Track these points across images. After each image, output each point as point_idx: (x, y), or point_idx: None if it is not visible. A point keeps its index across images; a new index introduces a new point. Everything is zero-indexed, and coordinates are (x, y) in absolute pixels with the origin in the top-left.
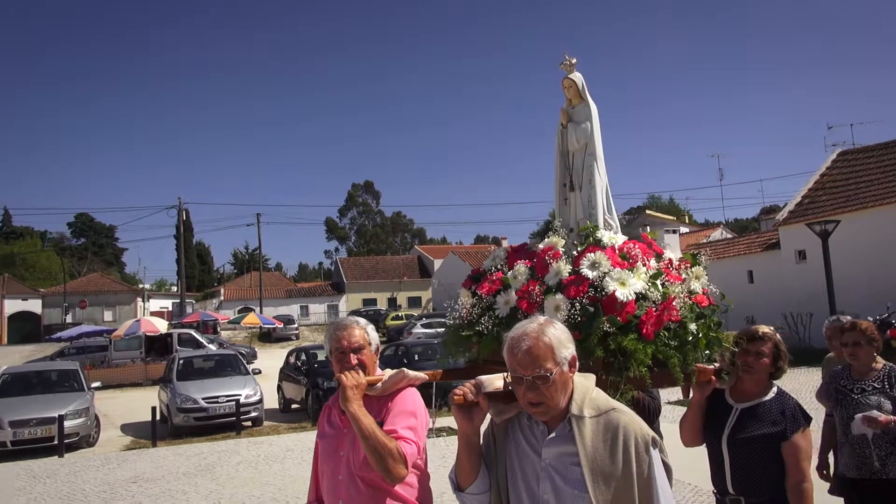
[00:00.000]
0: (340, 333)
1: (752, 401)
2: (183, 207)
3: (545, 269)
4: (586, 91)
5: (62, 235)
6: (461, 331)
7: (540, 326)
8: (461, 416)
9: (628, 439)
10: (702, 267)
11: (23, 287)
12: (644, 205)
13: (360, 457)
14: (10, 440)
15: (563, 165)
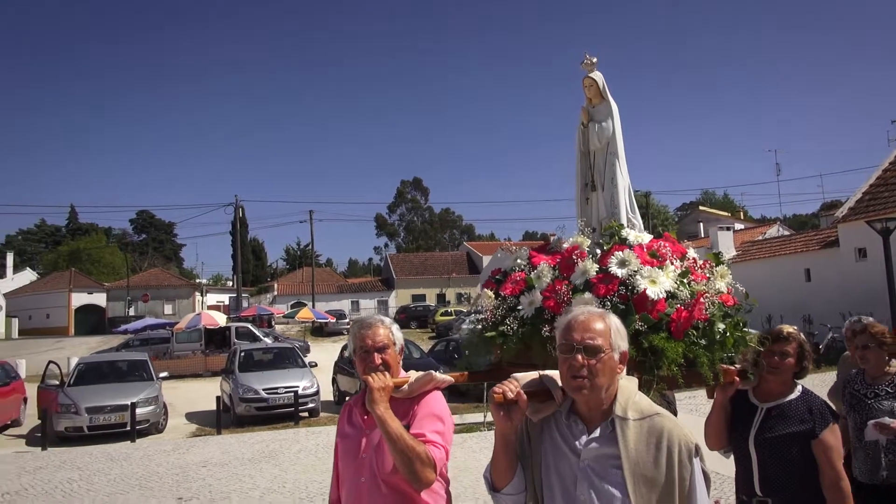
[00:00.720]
0: (365, 332)
1: (778, 400)
2: (239, 205)
3: (570, 269)
4: (607, 90)
5: (125, 232)
6: (485, 332)
7: (604, 311)
8: (500, 415)
9: (672, 445)
10: (725, 266)
11: (88, 281)
12: (697, 201)
13: (385, 460)
14: (87, 425)
15: (585, 165)
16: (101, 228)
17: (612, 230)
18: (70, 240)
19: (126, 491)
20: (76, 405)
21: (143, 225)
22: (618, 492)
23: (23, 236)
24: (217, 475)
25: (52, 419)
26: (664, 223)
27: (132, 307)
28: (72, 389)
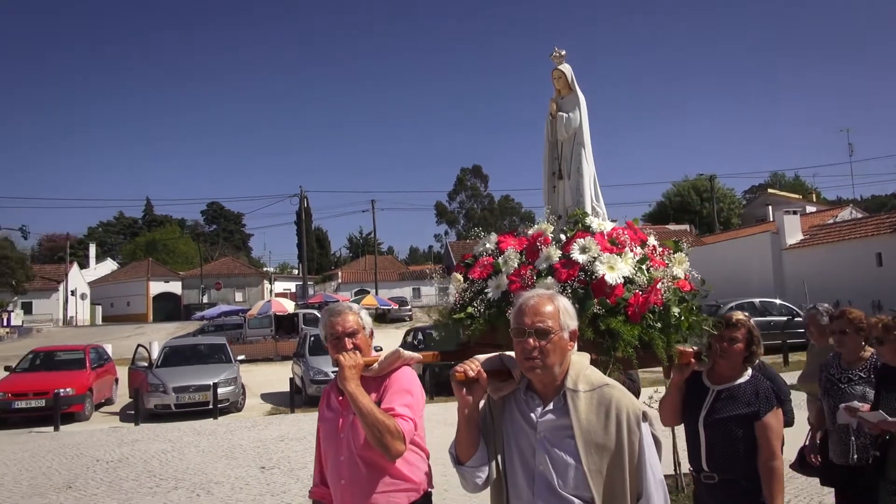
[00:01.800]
0: (335, 319)
1: (728, 383)
2: (304, 195)
3: (535, 254)
4: (575, 83)
5: (196, 222)
6: (454, 313)
7: (552, 293)
8: (462, 392)
9: (620, 413)
10: (683, 253)
11: (164, 270)
12: (766, 183)
13: (359, 437)
14: (174, 403)
15: (553, 154)
16: (175, 220)
17: (577, 218)
18: (146, 231)
19: (214, 461)
20: (164, 385)
21: (214, 216)
22: (571, 459)
23: (103, 228)
24: (294, 448)
25: (142, 397)
26: (730, 207)
27: (206, 295)
28: (159, 370)
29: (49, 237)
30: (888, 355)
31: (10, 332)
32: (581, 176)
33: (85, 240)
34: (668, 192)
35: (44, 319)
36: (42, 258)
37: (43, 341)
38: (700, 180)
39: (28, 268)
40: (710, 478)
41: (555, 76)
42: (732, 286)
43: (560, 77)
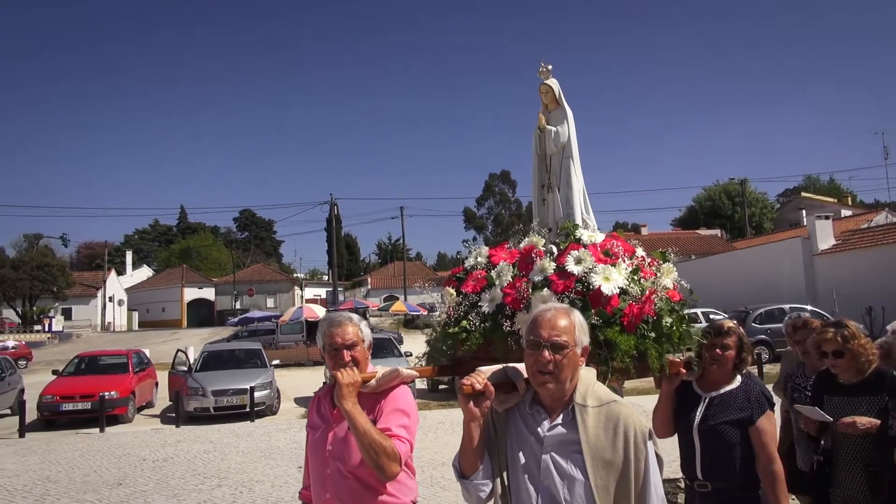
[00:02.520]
0: (334, 330)
1: (720, 390)
2: (334, 203)
3: (528, 267)
4: (562, 97)
5: (229, 230)
6: (448, 328)
7: (568, 308)
8: (468, 406)
9: (628, 430)
10: (671, 263)
11: (198, 277)
12: (799, 186)
13: (350, 453)
14: (213, 406)
15: (542, 168)
16: (208, 227)
17: (568, 230)
18: (181, 238)
19: (254, 461)
20: (203, 389)
21: (245, 223)
22: (578, 474)
23: (139, 235)
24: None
25: (183, 401)
26: (763, 211)
27: (238, 301)
28: (199, 375)
29: (87, 245)
30: (845, 367)
31: (51, 338)
32: (570, 189)
33: (122, 247)
34: (699, 196)
35: (83, 325)
36: (80, 265)
37: (83, 346)
38: (731, 184)
39: (68, 275)
40: (704, 486)
41: (542, 91)
42: (763, 292)
43: (548, 91)
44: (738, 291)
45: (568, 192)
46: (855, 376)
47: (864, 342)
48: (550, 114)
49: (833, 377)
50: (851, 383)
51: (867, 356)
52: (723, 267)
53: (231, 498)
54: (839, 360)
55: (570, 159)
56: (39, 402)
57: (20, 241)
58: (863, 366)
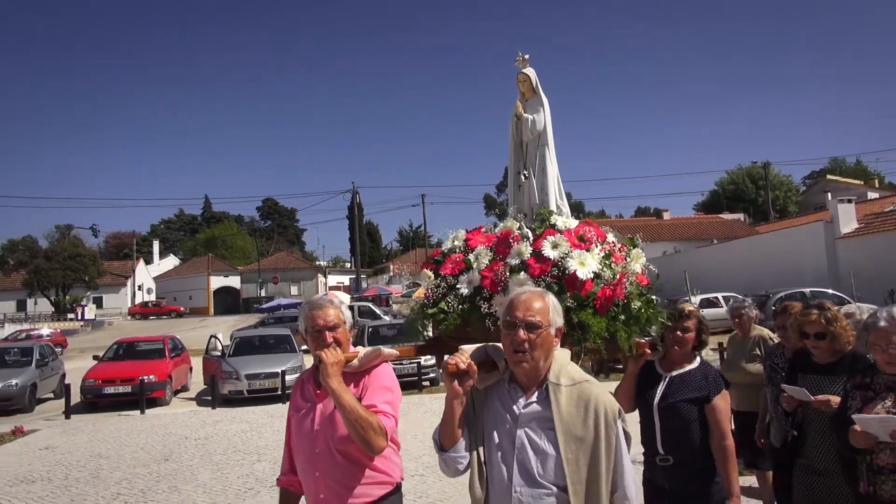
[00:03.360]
0: (315, 313)
1: (680, 370)
2: (356, 191)
3: (505, 251)
4: (539, 86)
5: (252, 218)
6: (426, 309)
7: (543, 291)
8: (452, 383)
9: (599, 408)
10: (640, 249)
11: (224, 265)
12: (825, 168)
13: (336, 430)
14: (247, 389)
15: (518, 155)
16: (232, 216)
17: (543, 216)
18: (206, 227)
19: None
20: (237, 372)
21: (269, 212)
22: (551, 449)
23: (164, 225)
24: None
25: (218, 384)
26: (787, 194)
27: (263, 289)
28: (232, 359)
29: (114, 235)
30: (825, 348)
31: (84, 326)
32: (545, 175)
33: (148, 237)
34: (722, 180)
35: (114, 313)
36: (108, 255)
37: (114, 333)
38: (755, 168)
39: (99, 264)
40: (666, 460)
41: (520, 79)
42: (785, 276)
43: (525, 80)
44: (760, 275)
45: (543, 179)
46: (830, 356)
47: (845, 324)
48: (527, 102)
49: (808, 356)
50: (826, 363)
51: (847, 338)
52: (745, 251)
53: (272, 471)
54: (821, 341)
55: (546, 147)
56: (83, 386)
57: (52, 232)
58: (843, 347)
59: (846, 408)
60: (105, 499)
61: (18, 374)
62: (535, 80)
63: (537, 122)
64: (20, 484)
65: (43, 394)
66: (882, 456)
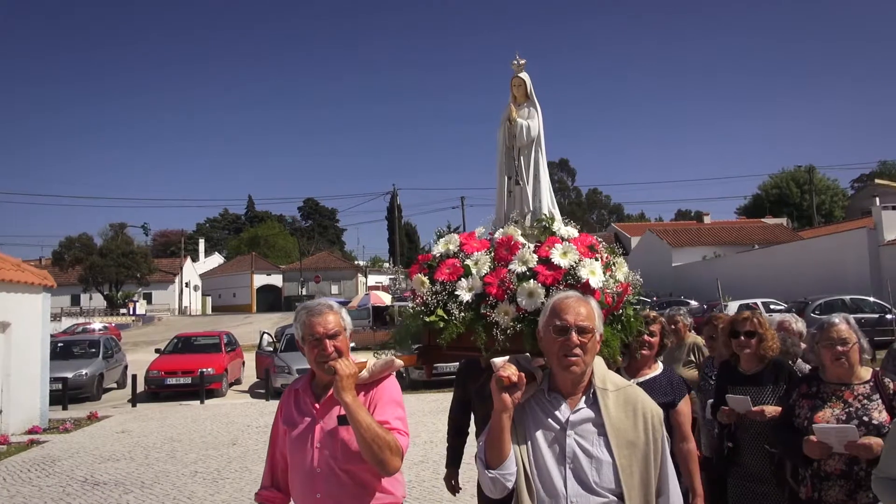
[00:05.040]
0: (314, 319)
1: (647, 376)
2: (396, 193)
3: (507, 257)
4: (533, 92)
5: (294, 218)
6: (423, 316)
7: (584, 296)
8: (504, 397)
9: (646, 412)
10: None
11: (266, 264)
12: (874, 172)
13: (341, 449)
14: None
15: (509, 160)
16: (275, 216)
17: (545, 223)
18: (249, 227)
19: None
20: (288, 366)
21: (309, 212)
22: (606, 455)
23: (210, 224)
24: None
25: (271, 377)
26: (833, 199)
27: (305, 287)
28: (284, 354)
29: (161, 233)
30: (753, 350)
31: (135, 321)
32: (539, 182)
33: (194, 235)
34: (765, 184)
35: (162, 309)
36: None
37: (163, 329)
38: (799, 172)
39: (150, 262)
40: None
41: (515, 83)
42: (826, 283)
43: (520, 85)
44: (801, 282)
45: (537, 186)
46: (756, 365)
47: (772, 332)
48: (520, 107)
49: (734, 368)
50: (752, 373)
51: (771, 345)
52: (787, 257)
53: None
54: (751, 339)
55: (540, 153)
56: (147, 377)
57: (107, 230)
58: (766, 353)
59: (793, 417)
60: (185, 476)
61: (87, 365)
62: (530, 85)
63: (532, 128)
64: (106, 462)
65: (107, 384)
66: (830, 462)
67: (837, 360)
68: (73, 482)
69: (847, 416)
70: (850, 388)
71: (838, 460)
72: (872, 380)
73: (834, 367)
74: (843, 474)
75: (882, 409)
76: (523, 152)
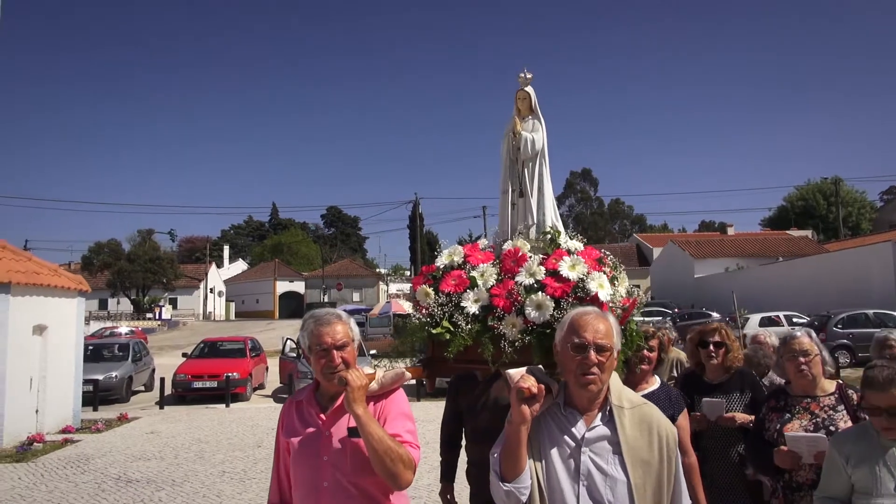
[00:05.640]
0: (323, 329)
1: (645, 391)
2: (418, 201)
3: (511, 270)
4: (537, 106)
5: (317, 226)
6: (429, 327)
7: (602, 312)
8: (523, 409)
9: (661, 431)
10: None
11: (289, 271)
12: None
13: (350, 462)
14: None
15: (513, 172)
16: (298, 223)
17: (552, 235)
18: (272, 234)
19: None
20: (311, 372)
21: (332, 220)
22: (620, 474)
23: (234, 231)
24: (426, 428)
25: (294, 382)
26: (860, 211)
27: (327, 294)
28: (306, 360)
29: (187, 239)
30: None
31: (161, 325)
32: (544, 196)
33: (218, 241)
34: (791, 195)
35: (187, 314)
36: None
37: (188, 334)
38: (825, 183)
39: (176, 267)
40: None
41: (520, 97)
42: (850, 296)
43: (525, 98)
44: (825, 295)
45: (541, 198)
46: (722, 374)
47: (737, 345)
48: (525, 120)
49: (699, 377)
50: (717, 382)
51: (737, 355)
52: (810, 269)
53: None
54: (720, 349)
55: (544, 166)
56: (174, 380)
57: (135, 235)
58: (732, 363)
59: (763, 430)
60: (213, 475)
61: (117, 368)
62: (535, 99)
63: (536, 141)
64: (138, 461)
65: (135, 386)
66: (802, 472)
67: (800, 372)
68: (107, 479)
69: (815, 427)
70: (815, 400)
71: (809, 470)
72: (837, 391)
73: (797, 378)
74: (813, 484)
75: (847, 420)
76: (527, 165)
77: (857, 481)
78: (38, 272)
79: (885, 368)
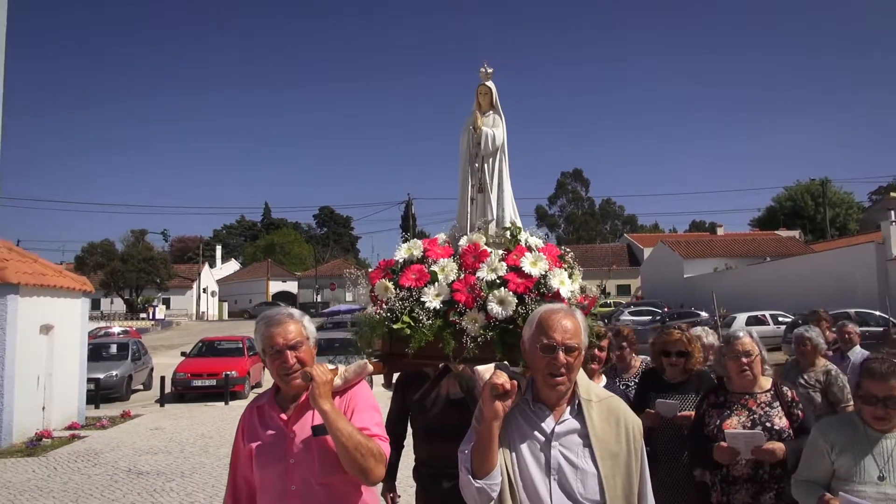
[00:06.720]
0: (274, 330)
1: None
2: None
3: (472, 265)
4: (498, 102)
5: (309, 226)
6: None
7: (570, 308)
8: (496, 405)
9: (628, 423)
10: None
11: (282, 271)
12: (890, 185)
13: (318, 462)
14: None
15: (472, 168)
16: (290, 223)
17: (513, 231)
18: (265, 234)
19: None
20: None
21: (325, 220)
22: (591, 467)
23: (226, 230)
24: None
25: None
26: (848, 212)
27: (320, 294)
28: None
29: (179, 239)
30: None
31: (154, 325)
32: (503, 192)
33: (211, 241)
34: (780, 196)
35: (180, 314)
36: (172, 258)
37: (182, 333)
38: (814, 184)
39: (170, 267)
40: None
41: (481, 91)
42: (835, 296)
43: (486, 93)
44: (811, 294)
45: (500, 194)
46: (681, 376)
47: (698, 347)
48: (486, 115)
49: (658, 376)
50: (676, 381)
51: (697, 358)
52: (796, 269)
53: None
54: (681, 359)
55: (504, 162)
56: (174, 378)
57: (128, 236)
58: (693, 366)
59: (703, 425)
60: (219, 468)
61: (118, 367)
62: (496, 94)
63: (497, 136)
64: (146, 454)
65: (134, 385)
66: (738, 467)
67: (742, 372)
68: (118, 472)
69: (752, 423)
70: (753, 397)
71: (745, 465)
72: (773, 389)
73: (739, 378)
74: (749, 478)
75: (782, 416)
76: (487, 160)
77: (840, 468)
78: (45, 273)
79: (885, 361)
